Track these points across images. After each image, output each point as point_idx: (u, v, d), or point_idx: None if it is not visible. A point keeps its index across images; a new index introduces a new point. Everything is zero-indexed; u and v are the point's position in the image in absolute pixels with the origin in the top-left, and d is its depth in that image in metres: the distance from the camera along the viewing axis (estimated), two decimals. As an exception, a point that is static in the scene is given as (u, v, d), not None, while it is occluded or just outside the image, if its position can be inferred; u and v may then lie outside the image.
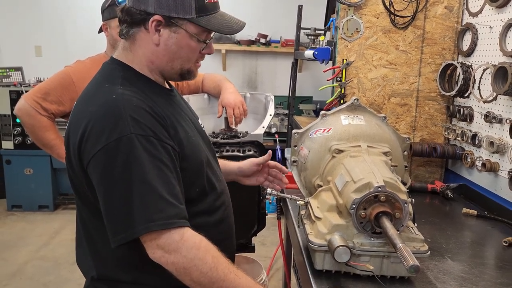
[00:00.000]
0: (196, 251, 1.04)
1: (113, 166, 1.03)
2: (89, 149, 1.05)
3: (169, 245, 1.03)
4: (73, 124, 1.13)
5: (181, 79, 1.25)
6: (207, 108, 2.36)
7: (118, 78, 1.15)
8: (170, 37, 1.14)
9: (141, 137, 1.04)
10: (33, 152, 4.40)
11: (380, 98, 2.19)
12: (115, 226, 1.04)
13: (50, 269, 3.48)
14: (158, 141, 1.07)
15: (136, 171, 1.02)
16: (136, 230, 1.01)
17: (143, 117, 1.07)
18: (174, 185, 1.07)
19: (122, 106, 1.06)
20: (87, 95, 1.17)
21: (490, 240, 1.60)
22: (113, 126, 1.03)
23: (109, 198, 1.04)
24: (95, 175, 1.06)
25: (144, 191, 1.02)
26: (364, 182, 1.15)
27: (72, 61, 2.13)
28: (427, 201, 1.96)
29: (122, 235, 1.03)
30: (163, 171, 1.05)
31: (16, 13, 5.20)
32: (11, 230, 4.20)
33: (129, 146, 1.02)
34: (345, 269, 1.20)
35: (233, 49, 5.07)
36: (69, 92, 1.96)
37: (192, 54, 1.19)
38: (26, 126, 1.98)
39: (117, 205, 1.03)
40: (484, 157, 1.90)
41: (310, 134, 1.55)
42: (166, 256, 1.03)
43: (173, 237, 1.03)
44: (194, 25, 1.14)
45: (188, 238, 1.04)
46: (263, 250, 3.77)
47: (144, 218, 1.01)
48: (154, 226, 1.01)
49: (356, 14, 2.12)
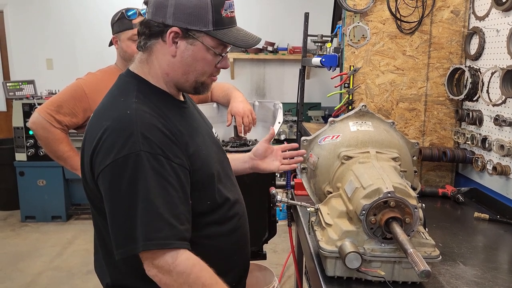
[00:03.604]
0: (186, 277, 1.06)
1: (119, 182, 1.05)
2: (99, 163, 1.08)
3: (162, 266, 1.05)
4: (88, 136, 1.16)
5: (195, 93, 1.25)
6: (216, 117, 2.38)
7: (133, 91, 1.17)
8: (186, 49, 1.16)
9: (150, 155, 1.06)
10: (45, 163, 4.46)
11: (388, 104, 2.19)
12: (117, 240, 1.07)
13: (64, 279, 3.51)
14: (167, 160, 1.08)
15: (141, 188, 1.04)
16: (135, 247, 1.04)
17: (154, 135, 1.08)
18: (177, 205, 1.08)
19: (135, 122, 1.08)
20: (103, 108, 1.20)
21: (503, 244, 1.58)
22: (124, 142, 1.06)
23: (113, 212, 1.07)
24: (103, 188, 1.09)
25: (146, 209, 1.04)
26: (373, 188, 1.16)
27: (83, 74, 2.16)
28: (438, 206, 1.95)
29: (122, 250, 1.06)
30: (168, 190, 1.07)
31: (27, 27, 5.31)
32: (25, 241, 4.26)
33: (137, 163, 1.05)
34: (357, 275, 1.20)
35: (241, 57, 5.11)
36: (81, 103, 2.00)
37: (207, 67, 1.20)
38: (40, 139, 2.01)
39: (121, 220, 1.06)
40: (494, 160, 1.89)
41: (318, 141, 1.56)
42: (159, 276, 1.06)
43: (166, 259, 1.05)
44: (210, 37, 1.16)
45: (180, 262, 1.05)
46: (275, 257, 3.76)
47: (143, 236, 1.03)
48: (151, 246, 1.03)
49: (362, 21, 2.14)
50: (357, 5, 2.12)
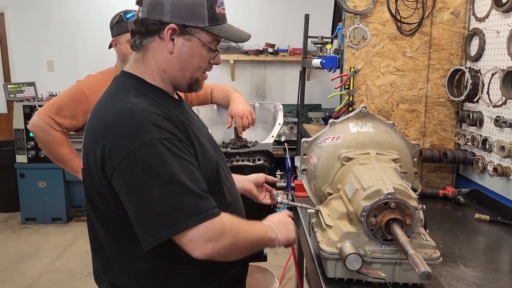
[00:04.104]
0: (236, 226, 1.14)
1: (141, 173, 1.05)
2: (114, 158, 1.07)
3: (215, 234, 1.07)
4: (90, 136, 1.16)
5: (189, 90, 1.28)
6: (216, 118, 2.38)
7: (130, 89, 1.18)
8: (183, 45, 1.18)
9: (165, 141, 1.07)
10: (46, 165, 4.47)
11: (389, 105, 2.19)
12: (154, 227, 1.05)
13: (64, 281, 3.51)
14: (180, 142, 1.11)
15: (168, 173, 1.05)
16: (177, 227, 1.03)
17: (162, 122, 1.10)
18: (201, 181, 1.12)
19: (141, 113, 1.09)
20: (101, 107, 1.20)
21: (504, 245, 1.58)
22: (136, 133, 1.06)
23: (144, 202, 1.06)
24: (123, 183, 1.08)
25: (178, 191, 1.05)
26: (374, 190, 1.15)
27: (83, 76, 2.17)
28: (439, 207, 1.95)
29: (167, 231, 1.04)
30: (190, 169, 1.10)
31: (28, 29, 5.32)
32: (26, 243, 4.26)
33: (155, 151, 1.05)
34: (357, 276, 1.20)
35: (241, 59, 5.11)
36: (82, 106, 2.00)
37: (202, 63, 1.23)
38: (40, 141, 2.01)
39: (156, 207, 1.05)
40: (495, 161, 1.89)
41: (319, 143, 1.56)
42: (216, 245, 1.08)
43: (216, 226, 1.08)
44: (207, 33, 1.19)
45: (225, 221, 1.11)
46: (276, 259, 3.76)
47: (189, 214, 1.04)
48: (200, 219, 1.05)
49: (363, 22, 2.14)
50: (357, 7, 2.12)
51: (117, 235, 1.19)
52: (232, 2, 5.06)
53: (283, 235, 1.27)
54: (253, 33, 1.30)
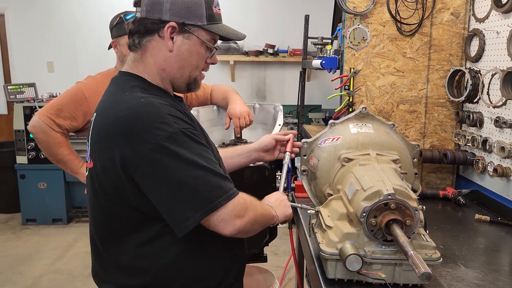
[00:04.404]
0: (253, 203, 1.23)
1: (170, 161, 1.07)
2: (138, 152, 1.07)
3: (240, 210, 1.14)
4: (102, 134, 1.15)
5: (187, 90, 1.29)
6: (216, 119, 2.38)
7: (134, 86, 1.19)
8: (183, 44, 1.20)
9: (185, 130, 1.11)
10: (46, 166, 4.47)
11: (389, 106, 2.19)
12: (188, 210, 1.08)
13: (64, 282, 3.51)
14: (196, 130, 1.16)
15: (193, 159, 1.09)
16: (212, 206, 1.09)
17: (177, 113, 1.13)
18: (217, 163, 1.19)
19: (155, 106, 1.11)
20: (108, 105, 1.20)
21: (504, 246, 1.58)
22: (157, 125, 1.08)
23: (174, 190, 1.08)
24: (151, 175, 1.09)
25: (206, 175, 1.10)
26: (374, 190, 1.15)
27: (83, 77, 2.17)
28: (439, 208, 1.95)
29: (201, 212, 1.08)
30: (209, 153, 1.16)
31: (28, 30, 5.32)
32: (26, 244, 4.26)
33: (179, 140, 1.09)
34: (357, 277, 1.20)
35: (241, 60, 5.11)
36: (81, 107, 2.00)
37: (200, 61, 1.25)
38: (40, 142, 2.01)
39: (188, 193, 1.09)
40: (495, 162, 1.89)
41: (319, 144, 1.56)
42: (243, 220, 1.15)
43: (240, 202, 1.15)
44: (205, 31, 1.22)
45: (245, 196, 1.20)
46: (276, 260, 3.76)
47: (216, 195, 1.10)
48: (232, 195, 1.12)
49: (362, 23, 2.14)
50: (357, 8, 2.12)
51: (125, 233, 1.19)
52: (232, 3, 5.06)
53: (281, 211, 1.37)
54: (253, 34, 1.33)
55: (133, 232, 1.18)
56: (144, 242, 1.17)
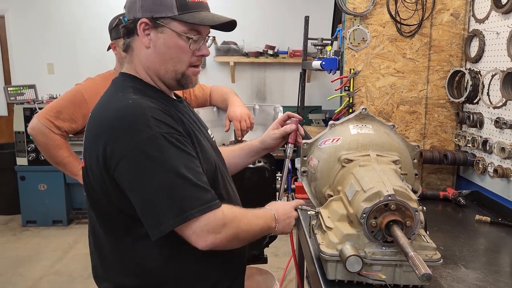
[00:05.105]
0: (237, 219, 1.16)
1: (145, 165, 1.07)
2: (117, 152, 1.08)
3: (217, 225, 1.10)
4: (92, 133, 1.17)
5: (179, 86, 1.26)
6: (216, 120, 2.38)
7: (129, 87, 1.20)
8: (157, 38, 1.19)
9: (167, 135, 1.09)
10: (46, 168, 4.47)
11: (389, 106, 2.19)
12: (158, 217, 1.07)
13: (64, 283, 3.50)
14: (181, 137, 1.13)
15: (170, 166, 1.07)
16: (183, 217, 1.06)
17: (163, 117, 1.12)
18: (202, 173, 1.15)
19: (142, 108, 1.11)
20: (102, 105, 1.21)
21: (505, 247, 1.58)
22: (138, 127, 1.08)
23: (149, 195, 1.08)
24: (127, 176, 1.09)
25: (182, 183, 1.07)
26: (374, 191, 1.15)
27: (83, 78, 2.17)
28: (439, 209, 1.95)
29: (173, 221, 1.06)
30: (192, 161, 1.13)
31: (28, 31, 5.33)
32: (26, 245, 4.25)
33: (158, 145, 1.07)
34: (358, 278, 1.20)
35: (241, 61, 5.11)
36: (81, 109, 2.00)
37: (183, 54, 1.20)
38: (39, 144, 2.00)
39: (162, 199, 1.07)
40: (495, 163, 1.89)
41: (319, 144, 1.56)
42: (218, 236, 1.11)
43: (217, 217, 1.11)
44: (178, 22, 1.17)
45: (226, 212, 1.14)
46: (276, 261, 3.75)
47: (193, 205, 1.07)
48: (205, 209, 1.08)
49: (362, 24, 2.14)
50: (357, 8, 2.12)
51: (118, 233, 1.20)
52: (232, 4, 5.07)
53: (281, 226, 1.31)
54: (253, 35, 1.31)
55: (124, 233, 1.18)
56: (135, 243, 1.17)
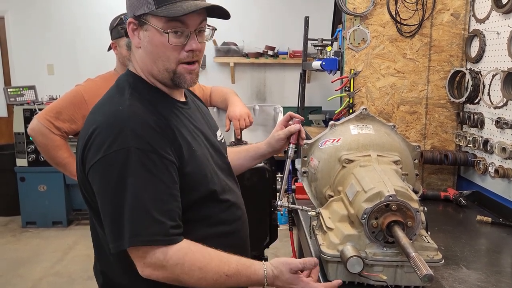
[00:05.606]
0: (181, 267, 1.06)
1: (109, 177, 1.06)
2: (90, 158, 1.08)
3: (154, 263, 1.05)
4: (83, 131, 1.17)
5: (175, 85, 1.21)
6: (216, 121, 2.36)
7: (128, 88, 1.18)
8: (144, 37, 1.16)
9: (141, 152, 1.05)
10: (46, 169, 4.45)
11: (389, 107, 2.19)
12: (109, 235, 1.07)
13: (64, 285, 3.49)
14: (158, 156, 1.07)
15: (130, 185, 1.04)
16: (122, 243, 1.04)
17: (145, 131, 1.08)
18: (166, 202, 1.07)
19: (127, 118, 1.08)
20: (99, 105, 1.21)
21: (506, 247, 1.57)
22: (115, 137, 1.06)
23: (105, 207, 1.08)
24: (94, 183, 1.10)
25: (134, 206, 1.04)
26: (375, 192, 1.15)
27: (83, 79, 2.16)
28: (440, 209, 1.94)
29: (113, 245, 1.06)
30: (157, 186, 1.06)
31: (28, 32, 5.33)
32: (26, 246, 4.24)
33: (127, 159, 1.04)
34: (359, 279, 1.19)
35: (241, 62, 5.11)
36: (81, 110, 1.99)
37: (168, 51, 1.14)
38: (39, 145, 2.00)
39: (111, 216, 1.06)
40: (496, 163, 1.88)
41: (319, 145, 1.55)
42: (155, 273, 1.07)
43: (157, 256, 1.05)
44: (156, 17, 1.12)
45: (172, 255, 1.06)
46: (276, 262, 3.74)
47: (130, 233, 1.03)
48: (137, 242, 1.04)
49: (362, 24, 2.13)
50: (357, 9, 2.12)
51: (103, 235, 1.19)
52: (232, 5, 5.06)
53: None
54: (253, 35, 1.29)
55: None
56: None
